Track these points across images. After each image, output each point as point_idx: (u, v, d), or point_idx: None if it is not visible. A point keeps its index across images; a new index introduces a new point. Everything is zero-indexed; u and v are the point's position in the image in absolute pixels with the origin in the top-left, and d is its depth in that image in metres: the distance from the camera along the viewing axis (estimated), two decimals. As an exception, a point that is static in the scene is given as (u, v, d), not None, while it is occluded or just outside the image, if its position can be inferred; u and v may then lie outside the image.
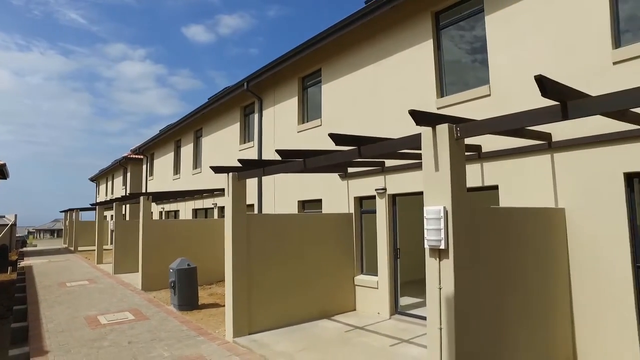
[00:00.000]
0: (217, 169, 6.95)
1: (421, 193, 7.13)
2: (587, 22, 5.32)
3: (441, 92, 7.11)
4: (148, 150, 22.57)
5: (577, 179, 5.30)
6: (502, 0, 6.22)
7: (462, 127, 3.46)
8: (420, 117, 3.46)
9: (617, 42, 5.15)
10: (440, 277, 3.49)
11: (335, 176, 9.00)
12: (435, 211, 3.45)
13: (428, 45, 7.26)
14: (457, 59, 7.14)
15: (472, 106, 6.41)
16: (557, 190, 5.48)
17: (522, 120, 3.28)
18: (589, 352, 5.15)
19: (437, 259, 3.51)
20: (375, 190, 7.85)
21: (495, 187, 6.13)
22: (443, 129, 3.49)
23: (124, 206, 25.37)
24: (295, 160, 5.57)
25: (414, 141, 3.72)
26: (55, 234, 73.40)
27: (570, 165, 5.37)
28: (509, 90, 6.02)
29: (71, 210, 27.85)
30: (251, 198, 11.95)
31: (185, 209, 17.40)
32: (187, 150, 17.54)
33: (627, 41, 5.10)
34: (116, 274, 14.52)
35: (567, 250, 5.34)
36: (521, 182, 5.84)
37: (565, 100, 2.95)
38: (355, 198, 8.53)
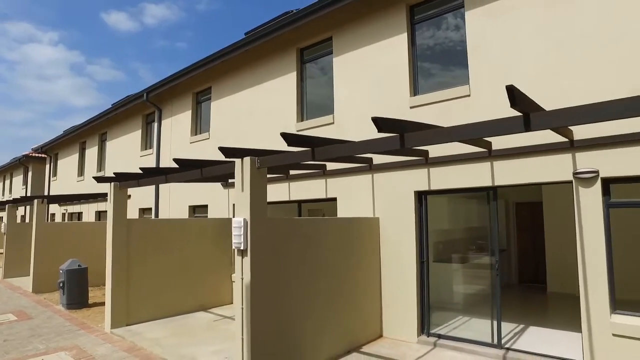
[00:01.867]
0: (99, 179, 7.71)
1: (282, 202, 8.45)
2: (396, 75, 6.94)
3: (302, 116, 8.50)
4: (52, 150, 21.89)
5: (386, 194, 6.90)
6: (343, 47, 7.73)
7: (261, 159, 4.73)
8: (227, 151, 4.68)
9: (414, 91, 6.82)
10: (242, 270, 4.73)
11: (219, 184, 10.06)
12: (239, 221, 4.68)
13: (293, 76, 8.61)
14: (315, 90, 8.56)
15: (321, 130, 7.84)
16: (374, 203, 7.05)
17: (284, 158, 4.63)
18: (390, 322, 6.76)
19: (241, 257, 4.75)
20: (250, 198, 9.05)
21: (335, 199, 7.60)
22: (247, 160, 4.74)
23: (24, 207, 24.21)
24: (159, 176, 6.59)
25: (231, 167, 4.93)
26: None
27: (383, 184, 6.96)
28: (347, 120, 7.50)
29: (-40, 211, 25.87)
30: (149, 202, 12.62)
31: (88, 211, 17.37)
32: (91, 153, 17.53)
33: (421, 91, 6.79)
34: (6, 278, 14.26)
35: (379, 248, 6.91)
36: (352, 196, 7.35)
37: (312, 147, 4.33)
38: (233, 205, 9.67)
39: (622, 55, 4.94)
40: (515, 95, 2.79)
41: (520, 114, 3.04)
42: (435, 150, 6.31)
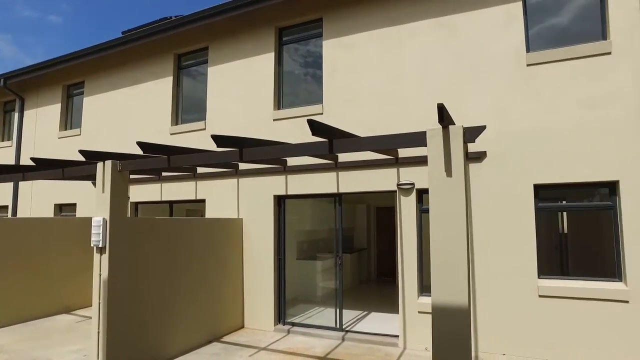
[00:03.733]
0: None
1: (155, 202, 8.64)
2: (263, 89, 7.67)
3: (176, 121, 8.79)
4: None
5: (250, 197, 7.58)
6: (218, 58, 8.24)
7: (123, 163, 5.06)
8: (89, 155, 4.93)
9: (278, 106, 7.63)
10: (100, 267, 5.00)
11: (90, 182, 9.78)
12: (98, 221, 4.95)
13: (170, 80, 8.84)
14: (192, 96, 8.92)
15: (194, 135, 8.24)
16: (239, 205, 7.68)
17: (144, 163, 5.07)
18: (251, 314, 7.44)
19: (100, 254, 5.02)
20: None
21: (204, 200, 8.06)
22: (108, 164, 5.03)
23: None
24: (15, 174, 6.40)
25: (92, 169, 5.16)
26: None
27: (247, 188, 7.63)
28: (217, 128, 7.99)
29: None
30: (5, 199, 11.58)
31: None
32: None
33: (285, 106, 7.63)
34: None
35: (242, 247, 7.55)
36: (220, 198, 7.89)
37: (169, 154, 4.84)
38: (104, 204, 9.51)
39: (432, 93, 6.31)
40: (315, 127, 3.67)
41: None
42: (293, 160, 7.16)
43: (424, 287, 6.38)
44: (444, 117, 3.17)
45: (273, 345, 6.42)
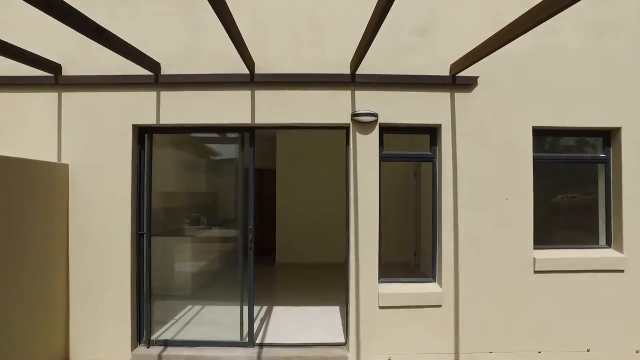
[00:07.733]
0: None
1: None
2: None
3: None
4: None
5: (85, 127, 4.21)
6: None
7: None
8: None
9: (145, -29, 4.39)
10: None
11: None
12: None
13: None
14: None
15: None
16: (62, 140, 4.22)
17: None
18: (84, 334, 4.19)
19: None
20: None
21: (-18, 130, 4.26)
22: None
23: None
24: None
25: None
26: None
27: (80, 110, 4.22)
28: None
29: None
30: None
31: None
32: None
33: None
34: None
35: (67, 215, 4.18)
36: (19, 127, 4.23)
37: None
38: None
39: (412, -18, 4.24)
40: None
41: None
42: (172, 66, 4.17)
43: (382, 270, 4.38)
44: None
45: (139, 394, 3.47)
